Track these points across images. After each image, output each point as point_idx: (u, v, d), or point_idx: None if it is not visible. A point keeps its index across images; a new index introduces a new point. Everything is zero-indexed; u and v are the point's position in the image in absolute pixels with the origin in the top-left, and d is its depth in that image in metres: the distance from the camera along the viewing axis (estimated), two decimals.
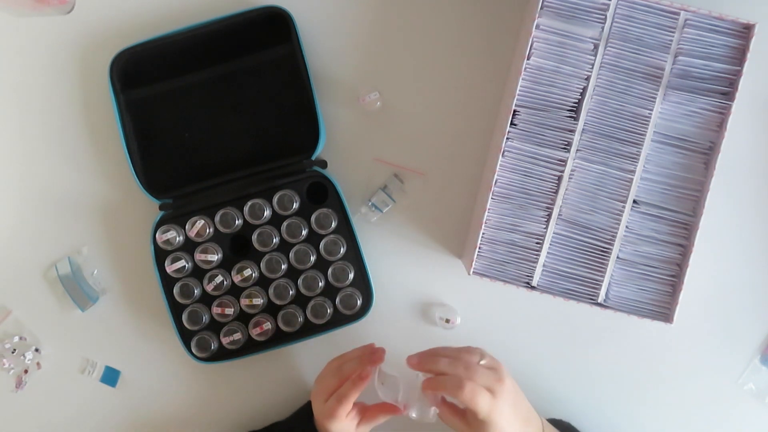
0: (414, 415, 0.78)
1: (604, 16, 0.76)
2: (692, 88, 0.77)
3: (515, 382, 0.76)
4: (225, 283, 0.86)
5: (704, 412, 0.89)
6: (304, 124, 0.86)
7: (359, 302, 0.87)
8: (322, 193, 0.87)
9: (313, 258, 0.86)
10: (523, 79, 0.77)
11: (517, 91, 0.77)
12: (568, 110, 0.78)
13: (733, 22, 0.75)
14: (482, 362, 0.75)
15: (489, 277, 0.79)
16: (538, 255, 0.79)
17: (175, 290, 0.86)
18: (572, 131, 0.77)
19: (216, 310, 0.86)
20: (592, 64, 0.77)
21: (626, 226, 0.78)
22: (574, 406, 0.89)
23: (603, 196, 0.78)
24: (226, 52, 0.87)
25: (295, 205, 0.86)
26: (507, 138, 0.78)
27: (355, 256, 0.87)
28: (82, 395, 0.92)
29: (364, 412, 0.81)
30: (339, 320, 0.87)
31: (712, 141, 0.77)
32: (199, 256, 0.86)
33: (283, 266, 0.86)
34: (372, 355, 0.80)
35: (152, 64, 0.86)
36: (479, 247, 0.79)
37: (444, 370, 0.74)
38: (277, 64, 0.87)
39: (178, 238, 0.86)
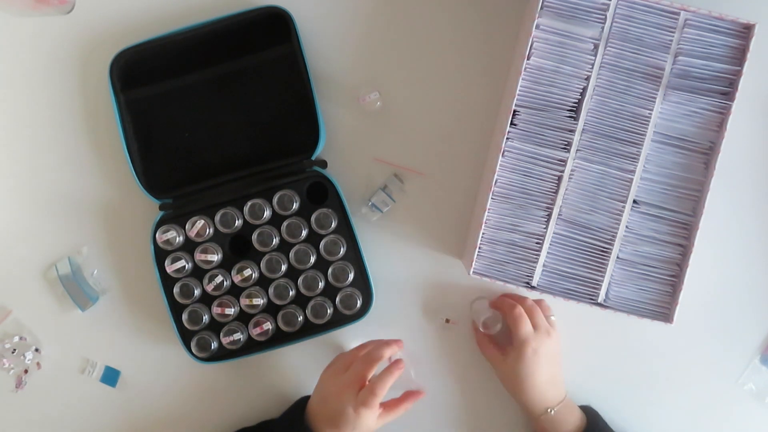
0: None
1: (604, 16, 0.76)
2: (692, 88, 0.77)
3: (560, 349, 0.84)
4: (225, 283, 0.86)
5: (704, 412, 0.89)
6: (304, 124, 0.86)
7: (359, 302, 0.87)
8: (322, 193, 0.87)
9: (313, 258, 0.86)
10: (523, 79, 0.77)
11: (517, 91, 0.77)
12: (568, 110, 0.78)
13: (733, 22, 0.75)
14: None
15: (489, 277, 0.79)
16: (538, 255, 0.79)
17: (175, 290, 0.86)
18: (572, 131, 0.77)
19: (216, 310, 0.86)
20: (592, 64, 0.77)
21: (626, 226, 0.78)
22: None
23: (603, 196, 0.78)
24: (226, 52, 0.87)
25: (295, 205, 0.86)
26: (507, 138, 0.78)
27: (355, 256, 0.87)
28: (82, 395, 0.92)
29: (385, 405, 0.81)
30: (339, 320, 0.87)
31: (712, 141, 0.77)
32: (199, 256, 0.86)
33: (283, 266, 0.86)
34: (394, 341, 0.83)
35: (152, 64, 0.86)
36: (479, 247, 0.79)
37: (510, 303, 0.83)
38: (277, 64, 0.87)
39: (178, 238, 0.86)
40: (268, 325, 0.86)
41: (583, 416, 0.83)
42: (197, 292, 0.86)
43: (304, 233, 0.86)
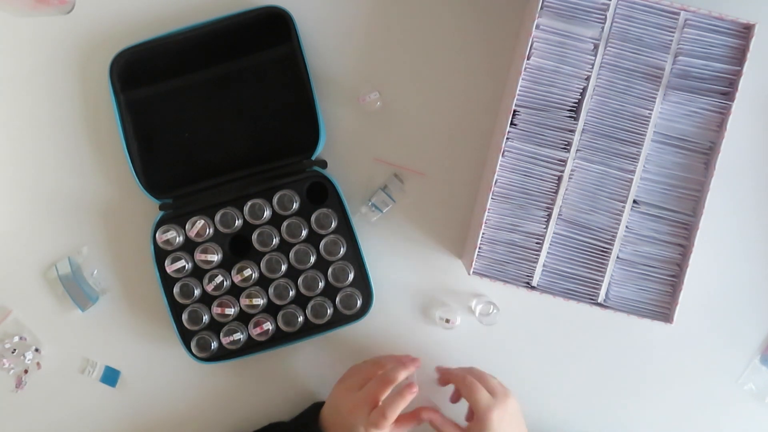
0: None
1: (604, 16, 0.76)
2: (692, 88, 0.77)
3: (521, 412, 0.80)
4: (225, 283, 0.86)
5: (704, 412, 0.89)
6: (304, 124, 0.86)
7: (359, 302, 0.87)
8: (322, 193, 0.87)
9: (313, 258, 0.86)
10: (523, 79, 0.77)
11: (517, 91, 0.77)
12: (568, 110, 0.78)
13: (733, 22, 0.75)
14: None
15: (489, 277, 0.79)
16: (538, 255, 0.79)
17: (175, 290, 0.86)
18: (572, 131, 0.77)
19: (216, 310, 0.86)
20: (592, 64, 0.77)
21: (626, 226, 0.78)
22: (573, 406, 0.89)
23: (603, 196, 0.78)
24: (226, 52, 0.87)
25: (295, 205, 0.85)
26: (507, 138, 0.78)
27: (355, 256, 0.87)
28: (82, 395, 0.92)
29: (397, 419, 0.80)
30: (339, 320, 0.87)
31: (712, 141, 0.77)
32: (199, 256, 0.86)
33: (283, 266, 0.86)
34: (411, 360, 0.83)
35: (152, 64, 0.86)
36: (479, 247, 0.79)
37: (459, 373, 0.82)
38: (277, 64, 0.87)
39: (178, 238, 0.86)
40: (268, 325, 0.86)
41: None
42: (197, 292, 0.86)
43: (304, 233, 0.86)
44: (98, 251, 0.91)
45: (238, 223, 0.86)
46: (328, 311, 0.86)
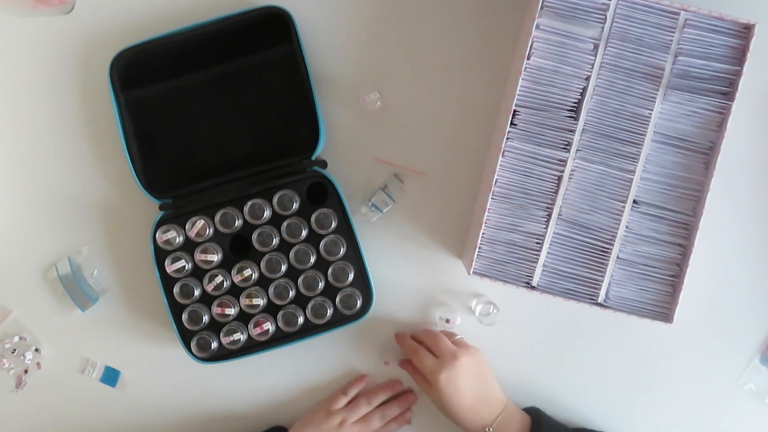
0: None
1: (604, 16, 0.76)
2: (692, 88, 0.77)
3: (482, 365, 0.84)
4: (225, 283, 0.86)
5: (704, 412, 0.89)
6: (304, 124, 0.86)
7: (359, 302, 0.87)
8: (322, 193, 0.87)
9: (313, 258, 0.86)
10: (523, 79, 0.77)
11: (517, 91, 0.77)
12: (568, 110, 0.78)
13: (733, 22, 0.75)
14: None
15: (489, 277, 0.79)
16: (538, 255, 0.79)
17: (175, 290, 0.86)
18: (572, 131, 0.77)
19: (216, 310, 0.86)
20: (592, 64, 0.77)
21: (626, 226, 0.78)
22: (573, 406, 0.89)
23: (603, 196, 0.78)
24: (226, 52, 0.87)
25: (295, 205, 0.85)
26: (507, 138, 0.78)
27: (355, 256, 0.87)
28: (82, 395, 0.92)
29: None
30: (339, 320, 0.87)
31: (712, 141, 0.77)
32: (199, 256, 0.86)
33: (283, 266, 0.86)
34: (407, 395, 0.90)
35: (152, 64, 0.86)
36: (479, 247, 0.79)
37: (410, 344, 0.86)
38: (277, 64, 0.87)
39: (178, 238, 0.86)
40: (268, 325, 0.86)
41: (526, 419, 0.83)
42: (197, 292, 0.86)
43: (304, 233, 0.86)
44: (98, 251, 0.91)
45: (238, 223, 0.86)
46: (328, 311, 0.86)
